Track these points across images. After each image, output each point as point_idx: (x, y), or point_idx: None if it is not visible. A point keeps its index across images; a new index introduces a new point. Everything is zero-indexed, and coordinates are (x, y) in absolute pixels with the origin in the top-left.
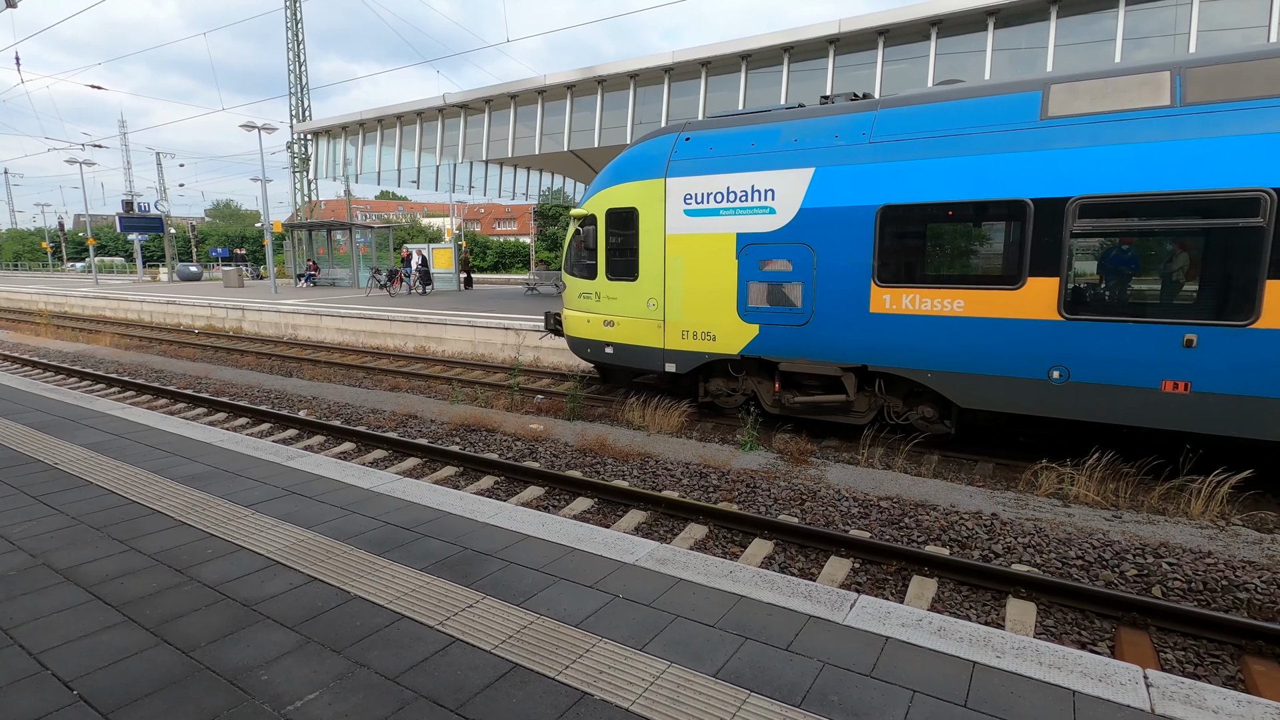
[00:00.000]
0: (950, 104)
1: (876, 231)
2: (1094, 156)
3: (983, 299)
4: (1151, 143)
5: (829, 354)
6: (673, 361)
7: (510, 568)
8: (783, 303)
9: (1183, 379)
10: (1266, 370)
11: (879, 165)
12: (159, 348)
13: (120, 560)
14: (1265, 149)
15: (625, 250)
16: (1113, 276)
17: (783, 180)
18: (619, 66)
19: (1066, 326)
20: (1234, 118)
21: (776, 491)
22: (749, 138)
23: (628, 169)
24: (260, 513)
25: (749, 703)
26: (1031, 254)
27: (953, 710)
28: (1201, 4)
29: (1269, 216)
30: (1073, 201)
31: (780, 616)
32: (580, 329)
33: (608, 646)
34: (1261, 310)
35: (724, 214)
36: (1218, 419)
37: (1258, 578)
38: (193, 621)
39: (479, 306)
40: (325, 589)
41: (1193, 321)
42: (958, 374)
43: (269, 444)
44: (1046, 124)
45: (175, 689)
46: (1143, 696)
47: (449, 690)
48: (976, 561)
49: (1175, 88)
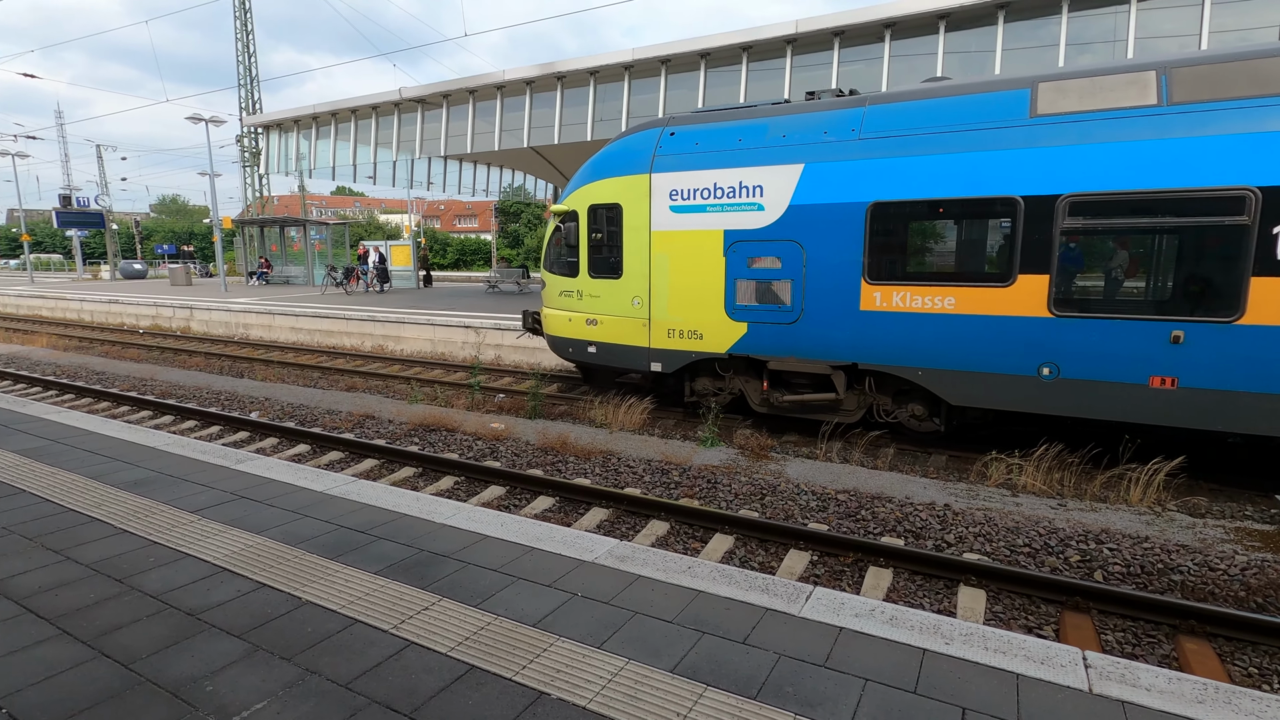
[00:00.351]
0: (940, 101)
1: (867, 229)
2: (1083, 155)
3: (973, 296)
4: (1139, 141)
5: (818, 352)
6: (658, 361)
7: (468, 569)
8: (771, 301)
9: (1170, 375)
10: (1251, 365)
11: (869, 162)
12: (100, 349)
13: (55, 571)
14: (1249, 148)
15: (609, 247)
16: (1102, 274)
17: (771, 176)
18: (579, 63)
19: (1056, 324)
20: (1219, 117)
21: (737, 487)
22: (736, 133)
23: (611, 164)
24: (207, 518)
25: (705, 696)
26: (1022, 251)
27: (903, 697)
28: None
29: (1253, 215)
30: (1062, 199)
31: (738, 610)
32: (561, 328)
33: (566, 645)
34: (1246, 307)
35: (711, 210)
36: (1203, 414)
37: (1190, 560)
38: (133, 633)
39: (439, 305)
40: (275, 595)
41: (1180, 318)
42: (948, 372)
43: (217, 447)
44: (1036, 122)
45: (114, 703)
46: (1081, 677)
47: (403, 695)
48: (929, 551)
49: (1161, 87)
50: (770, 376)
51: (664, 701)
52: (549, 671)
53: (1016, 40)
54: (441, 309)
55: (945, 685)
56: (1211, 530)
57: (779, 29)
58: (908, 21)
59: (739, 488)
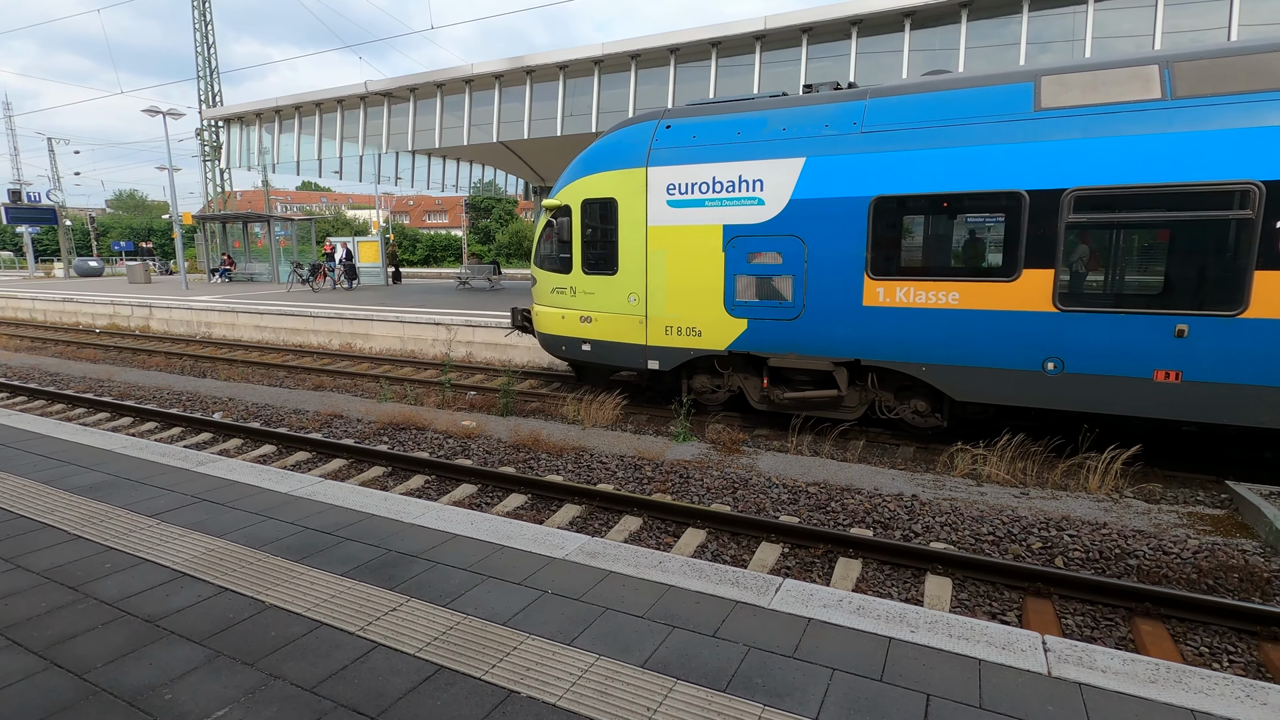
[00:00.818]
0: (943, 94)
1: (870, 223)
2: (1088, 149)
3: (978, 291)
4: (1144, 135)
5: (820, 348)
6: (656, 359)
7: (437, 568)
8: (772, 296)
9: (1174, 368)
10: (1254, 359)
11: (872, 155)
12: (54, 349)
13: (4, 580)
14: (1253, 142)
15: (604, 243)
16: (1106, 268)
17: (772, 170)
18: (548, 57)
19: (1061, 318)
20: (1223, 111)
21: (709, 481)
22: (734, 126)
23: (605, 157)
24: (166, 522)
25: (675, 690)
26: (1026, 246)
27: (869, 685)
28: (1095, 13)
29: (1258, 208)
30: (1067, 193)
31: (708, 604)
32: (554, 326)
33: (536, 643)
34: (1250, 300)
35: (710, 205)
36: (1206, 407)
37: (1146, 545)
38: (88, 641)
39: (408, 302)
40: (237, 599)
41: (1184, 312)
42: (953, 367)
43: (178, 449)
44: (1041, 115)
45: (67, 714)
46: (1041, 661)
47: (370, 697)
48: (897, 541)
49: (1165, 81)
50: (771, 373)
51: (634, 696)
52: (519, 670)
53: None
54: (411, 306)
55: (911, 673)
56: (1166, 515)
57: (748, 25)
58: (874, 19)
59: (711, 482)
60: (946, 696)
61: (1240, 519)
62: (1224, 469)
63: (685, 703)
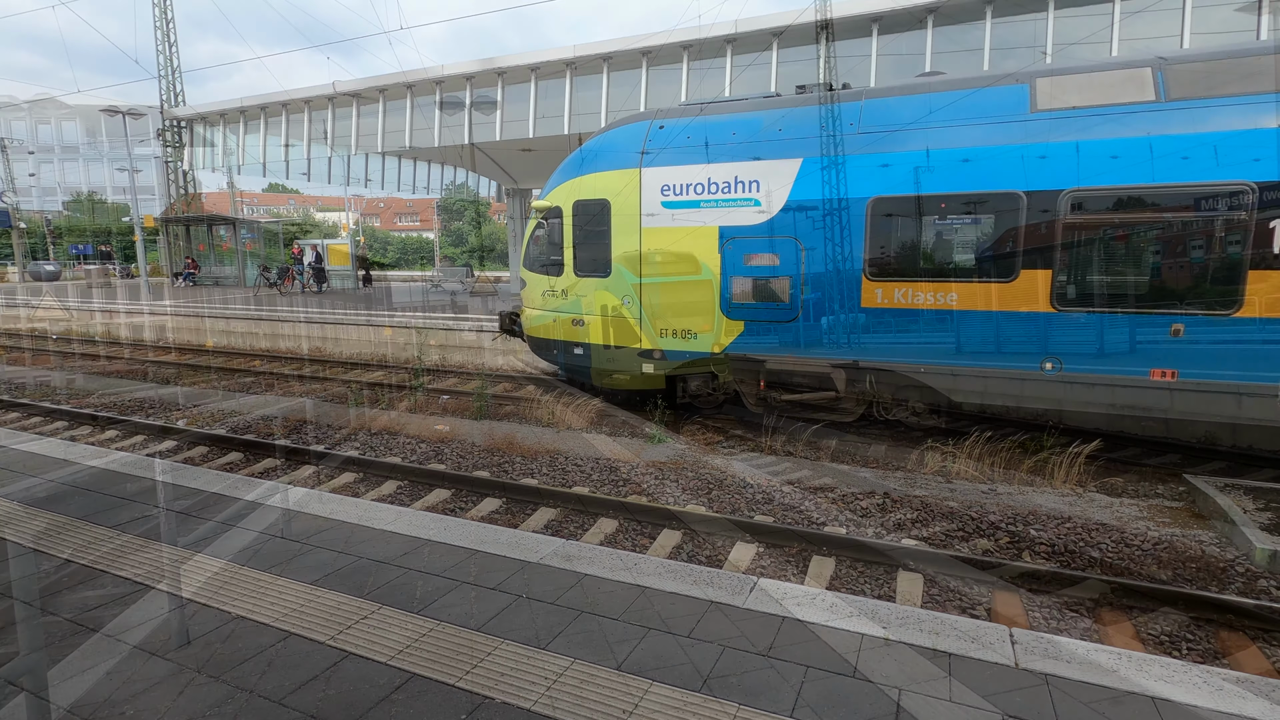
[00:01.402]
0: (939, 95)
1: (867, 224)
2: (1085, 150)
3: (976, 292)
4: (1140, 137)
5: (818, 350)
6: (651, 362)
7: (409, 575)
8: (769, 298)
9: (1170, 367)
10: (1248, 357)
11: (869, 157)
12: (7, 356)
13: None
14: (1246, 143)
15: (596, 244)
16: (1103, 268)
17: (768, 171)
18: (519, 59)
19: (1059, 318)
20: (1216, 113)
21: (685, 482)
22: (729, 126)
23: (597, 158)
24: (127, 533)
25: (651, 692)
26: (1024, 246)
27: (842, 682)
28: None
29: (1251, 209)
30: (1065, 194)
31: (683, 605)
32: (544, 329)
33: (510, 648)
34: (1244, 299)
35: (705, 206)
36: (1201, 405)
37: (1108, 538)
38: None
39: (379, 305)
40: (204, 611)
41: (1179, 311)
42: (951, 368)
43: (140, 458)
44: (1037, 117)
45: None
46: (1008, 653)
47: (340, 707)
48: (870, 539)
49: (1158, 83)
50: (767, 376)
51: (609, 699)
52: (493, 676)
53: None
54: (382, 309)
55: (883, 668)
56: (1127, 509)
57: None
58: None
59: (686, 483)
60: (918, 690)
61: (1197, 510)
62: (1183, 462)
63: (661, 704)
